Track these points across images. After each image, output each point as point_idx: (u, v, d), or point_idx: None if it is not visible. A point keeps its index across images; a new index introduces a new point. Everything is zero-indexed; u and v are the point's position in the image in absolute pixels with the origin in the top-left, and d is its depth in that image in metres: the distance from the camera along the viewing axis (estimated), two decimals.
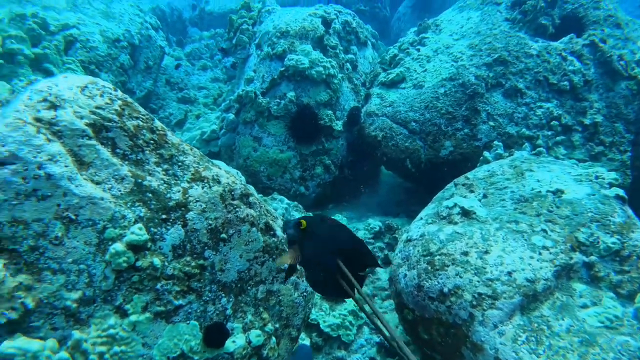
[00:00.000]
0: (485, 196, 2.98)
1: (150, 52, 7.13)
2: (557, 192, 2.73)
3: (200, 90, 7.66)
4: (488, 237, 2.54)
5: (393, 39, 11.49)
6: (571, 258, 2.38)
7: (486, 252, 2.45)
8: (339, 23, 5.93)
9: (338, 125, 5.31)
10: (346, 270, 1.21)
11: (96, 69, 5.90)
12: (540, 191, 2.80)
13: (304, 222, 1.29)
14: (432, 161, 4.97)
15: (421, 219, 3.16)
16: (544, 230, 2.51)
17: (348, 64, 5.79)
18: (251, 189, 2.92)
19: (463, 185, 3.24)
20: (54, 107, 2.24)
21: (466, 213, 2.82)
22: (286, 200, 4.66)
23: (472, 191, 3.08)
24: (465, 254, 2.49)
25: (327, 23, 5.71)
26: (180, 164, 2.58)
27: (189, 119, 6.71)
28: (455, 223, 2.81)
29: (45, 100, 2.24)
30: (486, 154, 4.26)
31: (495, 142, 4.44)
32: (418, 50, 5.74)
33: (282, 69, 5.16)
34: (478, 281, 2.33)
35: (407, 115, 5.10)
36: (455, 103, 4.92)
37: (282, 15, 5.94)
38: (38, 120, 2.16)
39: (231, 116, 5.37)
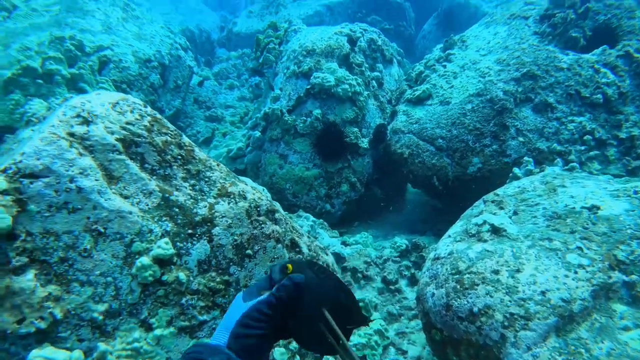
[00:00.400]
0: (515, 213, 2.88)
1: (180, 71, 7.33)
2: (593, 208, 2.62)
3: (227, 108, 7.79)
4: (520, 255, 2.45)
5: (418, 56, 11.50)
6: (610, 277, 2.27)
7: (518, 271, 2.35)
8: (364, 41, 5.97)
9: (364, 143, 5.29)
10: (332, 321, 1.10)
11: (128, 88, 6.08)
12: (574, 207, 2.70)
13: (290, 266, 1.23)
14: (459, 178, 4.88)
15: (449, 236, 3.08)
16: (580, 248, 2.40)
17: (374, 82, 5.79)
18: (277, 205, 2.92)
19: (492, 202, 3.15)
20: (86, 122, 2.30)
21: (496, 230, 2.74)
22: (312, 218, 4.64)
23: (501, 208, 2.99)
24: (496, 272, 2.40)
25: (352, 41, 5.75)
26: (207, 179, 2.61)
27: (216, 137, 6.83)
28: (485, 241, 2.72)
29: (78, 115, 2.31)
30: (516, 170, 4.15)
31: (526, 158, 4.32)
32: (444, 66, 5.70)
33: (308, 86, 5.20)
34: (510, 301, 2.24)
35: (434, 132, 5.04)
36: (483, 119, 4.84)
37: (308, 34, 6.02)
38: (71, 135, 2.23)
39: (257, 134, 5.43)
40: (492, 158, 4.71)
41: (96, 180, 2.20)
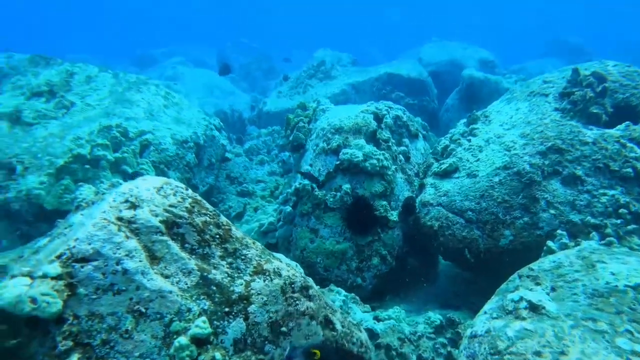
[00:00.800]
0: (553, 289, 2.82)
1: (214, 150, 7.72)
2: (638, 288, 2.55)
3: (258, 183, 8.05)
4: (562, 336, 2.37)
5: (442, 128, 11.78)
6: None
7: (562, 354, 2.27)
8: (390, 118, 6.22)
9: (393, 216, 5.34)
10: None
11: (165, 168, 6.42)
12: (616, 286, 2.63)
13: (317, 352, 1.16)
14: (491, 251, 4.81)
15: (485, 313, 3.01)
16: (629, 332, 2.30)
17: (401, 156, 5.95)
18: (310, 281, 2.95)
19: (527, 277, 3.10)
20: (133, 207, 2.46)
21: (534, 308, 2.67)
22: (343, 292, 4.60)
23: (538, 284, 2.93)
24: (538, 354, 2.32)
25: (379, 119, 6.00)
26: (243, 257, 2.69)
27: (247, 212, 7.00)
28: (523, 319, 2.65)
29: (127, 201, 2.47)
30: (550, 243, 4.09)
31: (559, 232, 4.26)
32: (469, 140, 5.83)
33: (337, 162, 5.38)
34: None
35: (463, 204, 5.07)
36: (512, 191, 4.86)
37: (335, 112, 6.32)
38: (120, 219, 2.37)
39: (288, 209, 5.57)
40: (524, 230, 4.66)
41: (140, 261, 2.31)
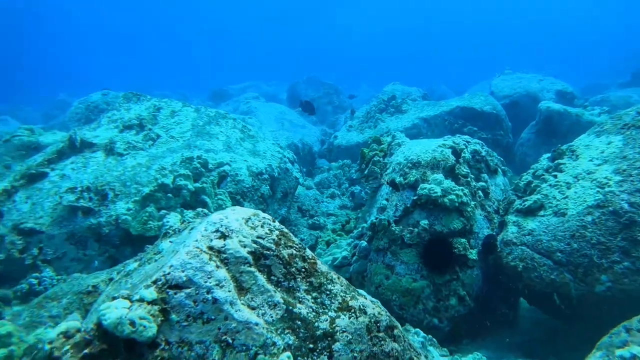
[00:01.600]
0: None
1: (287, 182, 7.87)
2: None
3: (329, 217, 8.06)
4: None
5: (518, 163, 11.28)
6: None
7: None
8: (468, 152, 6.03)
9: (473, 254, 5.09)
10: None
11: (241, 199, 6.63)
12: None
13: None
14: (585, 297, 4.40)
15: None
16: None
17: (480, 192, 5.72)
18: (395, 320, 2.84)
19: (639, 331, 2.78)
20: (223, 237, 2.51)
21: None
22: (422, 334, 4.40)
23: None
24: None
25: (456, 153, 5.84)
26: (328, 292, 2.65)
27: (319, 245, 7.00)
28: None
29: (217, 231, 2.53)
30: None
31: None
32: (555, 176, 5.50)
33: (415, 197, 5.27)
34: None
35: (551, 244, 4.72)
36: (608, 232, 4.46)
37: (411, 146, 6.24)
38: (210, 248, 2.43)
39: (364, 243, 5.49)
40: (625, 277, 4.23)
41: (229, 291, 2.33)
